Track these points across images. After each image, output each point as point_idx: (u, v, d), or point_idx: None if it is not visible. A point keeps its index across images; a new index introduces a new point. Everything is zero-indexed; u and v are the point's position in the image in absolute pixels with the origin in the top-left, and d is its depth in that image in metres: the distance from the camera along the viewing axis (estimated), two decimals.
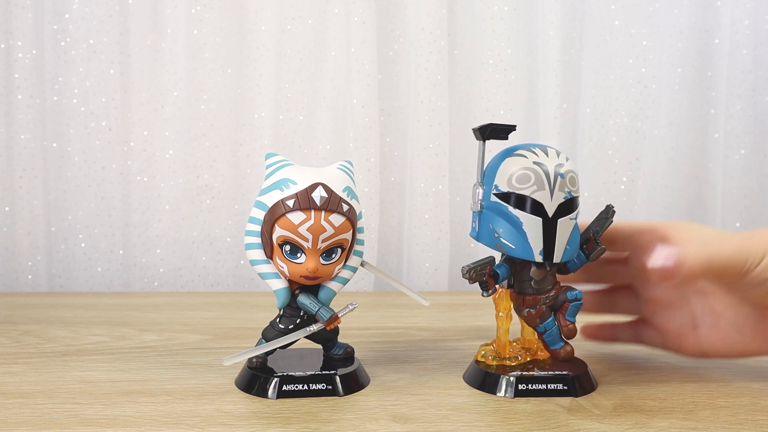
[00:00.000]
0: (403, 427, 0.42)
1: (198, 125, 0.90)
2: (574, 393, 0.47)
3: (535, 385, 0.47)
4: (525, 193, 0.45)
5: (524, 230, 0.45)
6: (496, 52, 0.92)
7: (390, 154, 0.93)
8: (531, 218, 0.45)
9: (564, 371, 0.48)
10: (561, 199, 0.45)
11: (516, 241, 0.46)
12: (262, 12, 0.89)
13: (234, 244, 0.91)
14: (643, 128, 0.93)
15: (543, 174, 0.45)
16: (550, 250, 0.45)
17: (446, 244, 0.91)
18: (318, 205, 0.45)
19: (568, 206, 0.45)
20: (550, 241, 0.45)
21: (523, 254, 0.46)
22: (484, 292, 0.48)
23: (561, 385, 0.47)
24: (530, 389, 0.47)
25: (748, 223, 0.96)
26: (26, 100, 0.86)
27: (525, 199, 0.45)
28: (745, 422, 0.43)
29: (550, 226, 0.45)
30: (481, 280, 0.47)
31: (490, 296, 0.48)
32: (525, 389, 0.47)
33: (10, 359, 0.55)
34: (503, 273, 0.48)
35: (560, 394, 0.47)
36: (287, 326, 0.49)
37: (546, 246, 0.45)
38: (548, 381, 0.47)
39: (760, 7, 0.93)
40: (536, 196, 0.45)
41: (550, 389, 0.47)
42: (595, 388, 0.49)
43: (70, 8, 0.87)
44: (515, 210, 0.45)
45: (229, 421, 0.42)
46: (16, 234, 0.87)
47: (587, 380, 0.49)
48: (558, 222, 0.45)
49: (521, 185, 0.45)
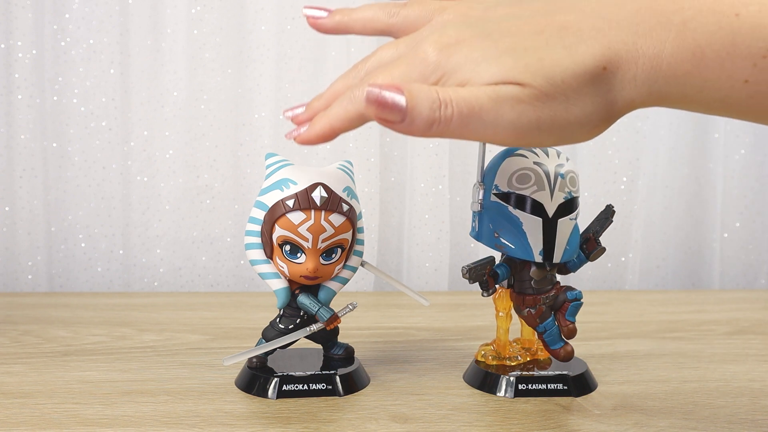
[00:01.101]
0: (403, 427, 0.42)
1: (198, 125, 0.90)
2: (574, 393, 0.47)
3: (535, 385, 0.47)
4: (525, 193, 0.45)
5: (524, 230, 0.45)
6: None
7: (390, 154, 0.93)
8: (531, 218, 0.45)
9: (564, 371, 0.48)
10: (561, 200, 0.45)
11: (516, 241, 0.46)
12: (262, 12, 0.89)
13: (234, 244, 0.91)
14: (643, 128, 0.93)
15: (543, 174, 0.45)
16: (550, 251, 0.45)
17: (446, 244, 0.91)
18: (318, 205, 0.45)
19: (568, 206, 0.45)
20: (549, 242, 0.45)
21: (523, 254, 0.46)
22: (484, 292, 0.48)
23: (561, 385, 0.47)
24: (530, 389, 0.47)
25: (748, 223, 0.96)
26: (26, 100, 0.85)
27: (525, 199, 0.45)
28: (745, 422, 0.43)
29: (550, 226, 0.45)
30: (481, 280, 0.48)
31: (490, 296, 0.49)
32: (525, 389, 0.47)
33: (10, 359, 0.55)
34: (503, 273, 0.48)
35: (560, 394, 0.47)
36: (287, 326, 0.49)
37: (546, 246, 0.45)
38: (548, 381, 0.47)
39: None
40: (536, 197, 0.45)
41: (550, 389, 0.47)
42: (595, 388, 0.49)
43: (70, 8, 0.87)
44: (515, 210, 0.45)
45: (229, 421, 0.42)
46: (16, 234, 0.87)
47: (587, 380, 0.49)
48: (558, 222, 0.45)
49: (521, 185, 0.45)
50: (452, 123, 0.32)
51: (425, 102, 0.32)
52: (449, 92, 0.32)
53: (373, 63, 0.39)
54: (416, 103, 0.32)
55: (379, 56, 0.38)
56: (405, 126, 0.32)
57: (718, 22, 0.30)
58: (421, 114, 0.32)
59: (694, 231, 0.96)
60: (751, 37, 0.30)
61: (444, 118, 0.32)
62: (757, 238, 0.96)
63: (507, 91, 0.32)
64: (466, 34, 0.34)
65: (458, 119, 0.32)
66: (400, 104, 0.31)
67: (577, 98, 0.32)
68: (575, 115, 0.32)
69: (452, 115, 0.32)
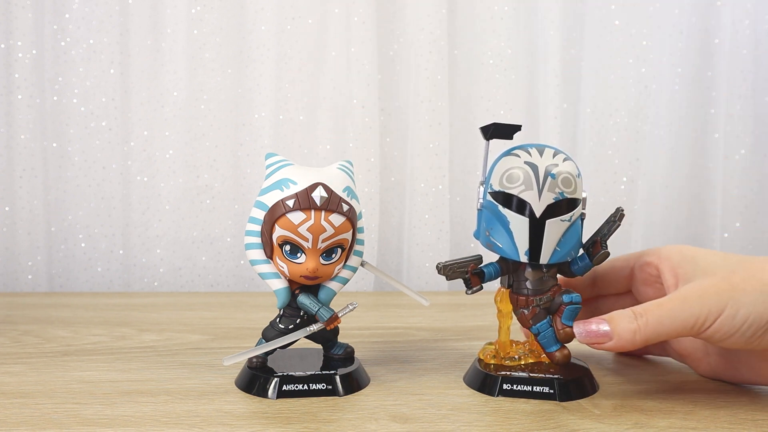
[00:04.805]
0: (403, 427, 0.42)
1: (198, 125, 0.90)
2: (559, 397, 0.46)
3: (520, 386, 0.47)
4: (513, 192, 0.45)
5: (511, 229, 0.45)
6: (496, 52, 0.92)
7: (390, 154, 0.93)
8: (517, 218, 0.45)
9: (555, 375, 0.47)
10: (550, 200, 0.44)
11: (504, 240, 0.46)
12: (262, 12, 0.89)
13: (234, 244, 0.91)
14: (643, 128, 0.93)
15: (532, 174, 0.45)
16: (536, 251, 0.45)
17: (446, 244, 0.91)
18: (318, 205, 0.45)
19: (560, 207, 0.45)
20: (536, 242, 0.45)
21: (510, 253, 0.46)
22: (467, 290, 0.48)
23: (547, 388, 0.47)
24: (514, 390, 0.47)
25: (748, 223, 0.96)
26: (26, 100, 0.86)
27: (512, 198, 0.45)
28: (745, 422, 0.43)
29: (537, 226, 0.45)
30: (463, 278, 0.47)
31: (472, 294, 0.48)
32: (509, 389, 0.47)
33: (10, 359, 0.55)
34: (490, 272, 0.48)
35: (544, 397, 0.46)
36: (287, 326, 0.49)
37: (532, 246, 0.45)
38: (534, 383, 0.47)
39: (760, 7, 0.93)
40: (524, 196, 0.44)
41: (535, 391, 0.47)
42: (588, 395, 0.47)
43: (70, 8, 0.87)
44: (504, 209, 0.45)
45: (229, 421, 0.42)
46: (16, 234, 0.87)
47: (578, 385, 0.47)
48: (546, 223, 0.44)
49: (510, 184, 0.45)
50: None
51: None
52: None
53: None
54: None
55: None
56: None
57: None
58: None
59: (694, 231, 0.96)
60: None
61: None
62: (757, 238, 0.96)
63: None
64: None
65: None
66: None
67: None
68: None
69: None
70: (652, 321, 0.43)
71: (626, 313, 0.44)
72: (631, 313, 0.44)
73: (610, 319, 0.44)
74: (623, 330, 0.43)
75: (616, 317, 0.44)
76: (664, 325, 0.43)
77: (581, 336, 0.45)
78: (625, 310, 0.44)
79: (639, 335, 0.43)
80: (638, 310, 0.44)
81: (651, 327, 0.43)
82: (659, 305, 0.43)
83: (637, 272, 0.51)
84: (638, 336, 0.43)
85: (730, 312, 0.42)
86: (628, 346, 0.44)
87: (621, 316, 0.44)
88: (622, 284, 0.53)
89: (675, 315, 0.42)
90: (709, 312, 0.42)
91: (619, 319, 0.44)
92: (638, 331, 0.43)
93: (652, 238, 0.95)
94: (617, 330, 0.43)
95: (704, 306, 0.42)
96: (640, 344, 0.43)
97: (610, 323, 0.44)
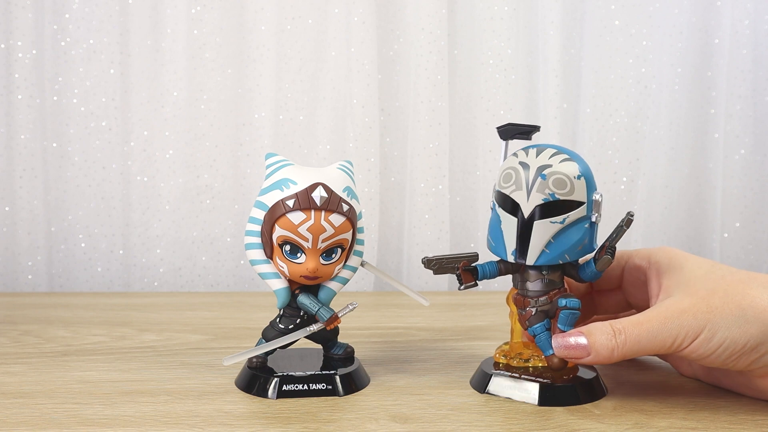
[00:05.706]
0: (403, 427, 0.42)
1: (198, 125, 0.90)
2: (542, 402, 0.45)
3: (507, 389, 0.47)
4: (506, 192, 0.45)
5: (501, 228, 0.45)
6: (496, 52, 0.92)
7: (390, 154, 0.93)
8: (508, 217, 0.45)
9: (545, 379, 0.47)
10: (539, 201, 0.44)
11: (496, 238, 0.46)
12: (262, 12, 0.89)
13: (234, 244, 0.91)
14: (643, 128, 0.93)
15: (523, 174, 0.45)
16: (523, 251, 0.45)
17: (446, 244, 0.91)
18: (318, 205, 0.45)
19: (551, 209, 0.44)
20: (523, 242, 0.45)
21: (499, 252, 0.46)
22: (459, 286, 0.48)
23: (532, 393, 0.46)
24: (501, 388, 0.47)
25: (748, 223, 0.96)
26: (26, 100, 0.86)
27: (504, 198, 0.45)
28: (745, 422, 0.43)
29: (525, 226, 0.45)
30: (455, 274, 0.48)
31: (464, 290, 0.48)
32: (496, 390, 0.47)
33: (10, 359, 0.55)
34: (485, 270, 0.48)
35: (527, 399, 0.46)
36: (287, 326, 0.49)
37: (519, 246, 0.45)
38: (521, 387, 0.46)
39: (760, 7, 0.93)
40: (514, 196, 0.45)
41: (519, 394, 0.46)
42: (580, 403, 0.46)
43: (70, 8, 0.87)
44: (499, 208, 0.46)
45: (229, 421, 0.42)
46: (16, 234, 0.87)
47: (565, 391, 0.46)
48: (534, 224, 0.44)
49: (505, 184, 0.45)
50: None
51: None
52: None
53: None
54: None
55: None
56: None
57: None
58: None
59: (695, 231, 0.96)
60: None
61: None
62: (757, 238, 0.96)
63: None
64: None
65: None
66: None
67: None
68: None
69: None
70: (631, 340, 0.44)
71: (605, 329, 0.44)
72: (611, 329, 0.44)
73: (588, 333, 0.45)
74: (601, 347, 0.44)
75: (594, 332, 0.44)
76: (642, 344, 0.43)
77: (559, 349, 0.45)
78: (604, 324, 0.45)
79: (617, 353, 0.44)
80: (617, 326, 0.44)
81: (629, 345, 0.44)
82: (638, 324, 0.44)
83: (626, 274, 0.52)
84: (616, 353, 0.44)
85: (706, 335, 0.42)
86: (605, 362, 0.45)
87: (599, 331, 0.44)
88: (614, 281, 0.53)
89: (653, 335, 0.43)
90: (687, 334, 0.43)
91: (597, 335, 0.44)
92: (616, 348, 0.44)
93: (652, 238, 0.95)
94: (595, 346, 0.44)
95: (682, 327, 0.43)
96: (617, 360, 0.44)
97: (588, 337, 0.44)
